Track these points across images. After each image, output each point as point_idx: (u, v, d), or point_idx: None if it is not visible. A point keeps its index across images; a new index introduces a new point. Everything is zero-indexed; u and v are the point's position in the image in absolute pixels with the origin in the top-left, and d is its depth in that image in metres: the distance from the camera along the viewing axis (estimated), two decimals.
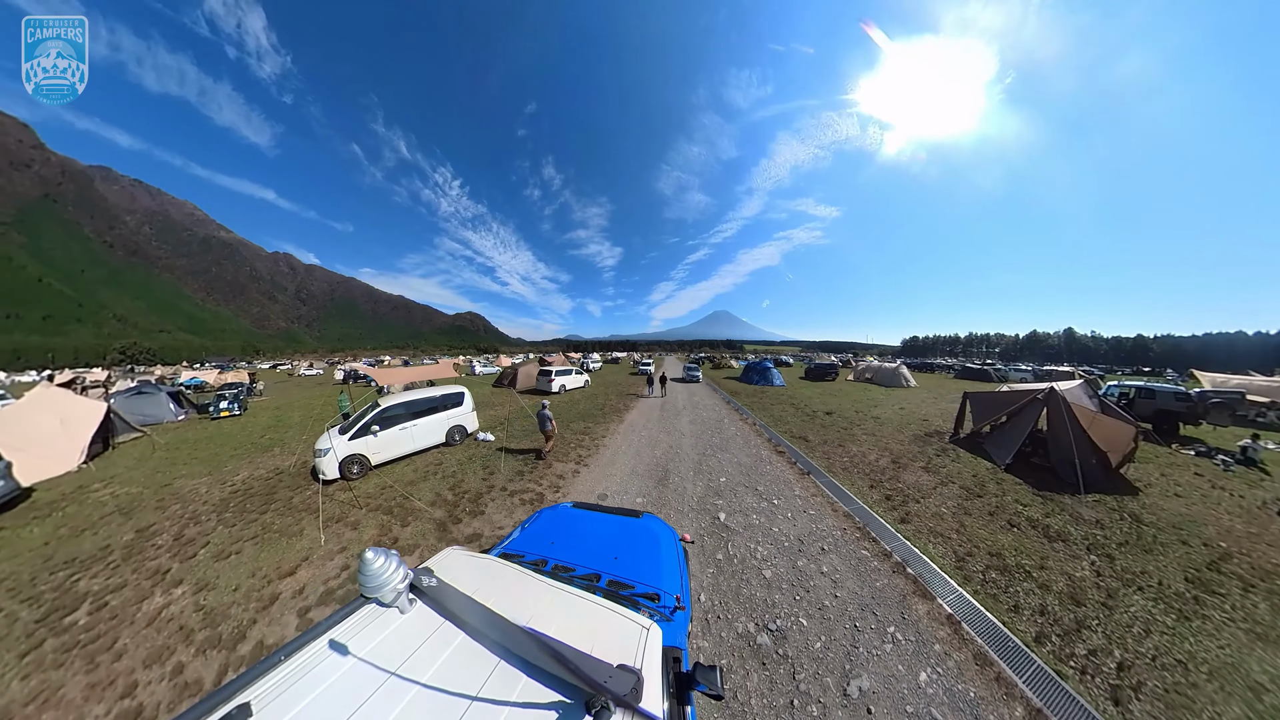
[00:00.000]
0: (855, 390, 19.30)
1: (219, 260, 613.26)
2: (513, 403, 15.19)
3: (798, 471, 6.93)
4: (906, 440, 9.07)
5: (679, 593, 2.21)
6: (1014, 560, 4.26)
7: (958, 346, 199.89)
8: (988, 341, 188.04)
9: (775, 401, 14.98)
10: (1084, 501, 5.93)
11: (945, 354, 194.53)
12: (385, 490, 6.20)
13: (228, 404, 13.89)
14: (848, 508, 5.46)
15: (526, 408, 11.45)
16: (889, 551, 4.44)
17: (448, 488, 6.25)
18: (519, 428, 10.31)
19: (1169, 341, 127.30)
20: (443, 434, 8.63)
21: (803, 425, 10.39)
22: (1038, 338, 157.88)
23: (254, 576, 3.95)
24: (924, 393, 18.66)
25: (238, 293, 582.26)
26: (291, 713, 1.00)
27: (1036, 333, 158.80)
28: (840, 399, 15.78)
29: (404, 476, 6.84)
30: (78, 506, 6.15)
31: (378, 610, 1.31)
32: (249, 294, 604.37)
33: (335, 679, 1.09)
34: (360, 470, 6.84)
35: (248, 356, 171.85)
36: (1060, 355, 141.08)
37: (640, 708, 1.03)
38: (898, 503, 5.68)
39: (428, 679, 1.09)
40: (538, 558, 2.45)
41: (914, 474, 6.86)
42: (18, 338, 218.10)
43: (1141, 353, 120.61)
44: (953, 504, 5.66)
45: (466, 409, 9.24)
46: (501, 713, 1.02)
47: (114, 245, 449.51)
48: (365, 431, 6.94)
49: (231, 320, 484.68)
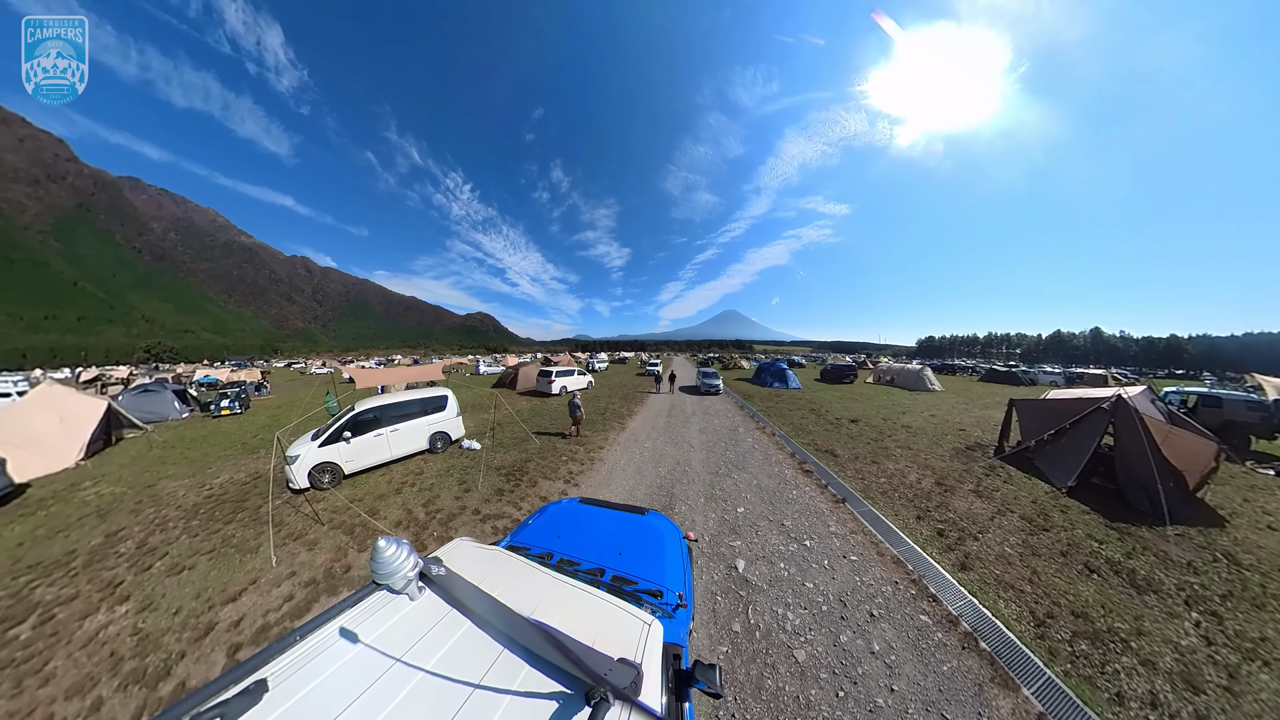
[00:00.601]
0: (877, 394, 18.17)
1: (240, 264, 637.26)
2: (509, 405, 14.53)
3: (830, 498, 5.99)
4: (947, 455, 8.11)
5: (681, 590, 2.21)
6: (1104, 622, 3.49)
7: (976, 347, 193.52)
8: (1008, 342, 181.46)
9: (793, 406, 14.05)
10: (1167, 536, 5.04)
11: (963, 355, 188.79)
12: (354, 504, 5.76)
13: (228, 403, 13.97)
14: (896, 549, 4.56)
15: (513, 415, 10.77)
16: (954, 615, 3.54)
17: (420, 504, 5.75)
18: (508, 435, 9.61)
19: (1205, 342, 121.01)
20: (424, 440, 8.04)
21: (828, 436, 9.47)
22: (1062, 338, 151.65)
23: (198, 599, 3.75)
24: (952, 397, 17.48)
25: (257, 294, 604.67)
26: (304, 691, 1.04)
27: (1061, 333, 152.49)
28: (863, 404, 14.76)
29: (376, 488, 6.42)
30: (62, 506, 6.17)
31: (388, 596, 1.35)
32: (268, 296, 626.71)
33: (346, 660, 1.13)
34: (332, 480, 6.41)
35: (266, 355, 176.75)
36: (1086, 356, 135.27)
37: (639, 701, 1.03)
38: (953, 540, 4.78)
39: (434, 664, 1.13)
40: (544, 551, 2.49)
41: (964, 499, 5.95)
42: (54, 337, 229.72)
43: (1175, 354, 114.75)
44: (1017, 541, 4.80)
45: (450, 414, 8.58)
46: (504, 700, 1.04)
47: (142, 251, 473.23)
48: (337, 438, 6.42)
49: (252, 321, 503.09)
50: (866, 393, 18.79)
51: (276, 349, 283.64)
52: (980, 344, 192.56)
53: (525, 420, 11.50)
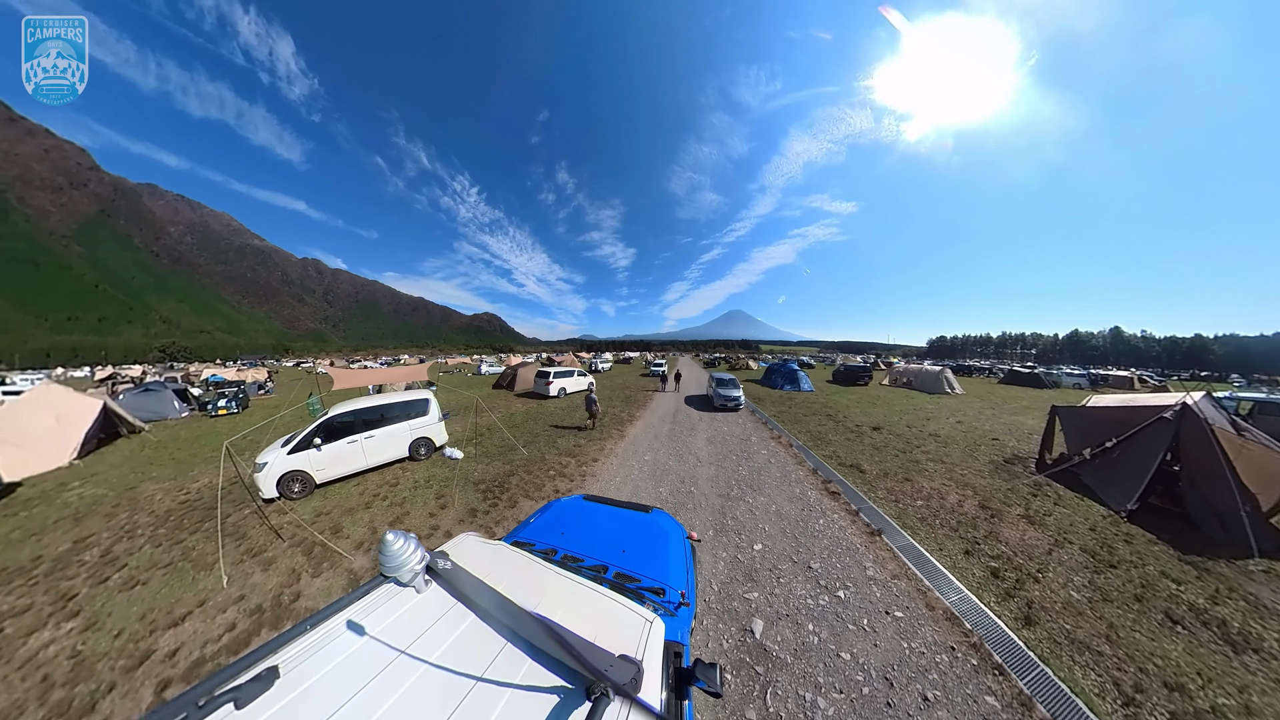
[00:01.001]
0: (895, 398, 17.21)
1: (253, 266, 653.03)
2: (503, 408, 13.94)
3: (863, 528, 5.12)
4: (985, 470, 7.28)
5: (684, 589, 2.19)
6: (1205, 697, 2.83)
7: (989, 347, 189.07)
8: (1023, 342, 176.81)
9: (807, 411, 13.13)
10: (1252, 573, 4.35)
11: (976, 355, 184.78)
12: (320, 518, 5.40)
13: (225, 403, 13.84)
14: (948, 598, 3.75)
15: (498, 423, 10.02)
16: (1027, 696, 2.78)
17: (387, 522, 5.24)
18: (495, 443, 8.86)
19: (1233, 342, 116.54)
20: (404, 447, 7.52)
21: (850, 447, 8.63)
22: (1079, 338, 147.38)
23: (142, 620, 3.55)
24: (976, 402, 16.56)
25: (270, 296, 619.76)
26: (313, 679, 1.06)
27: (1079, 332, 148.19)
28: (883, 409, 13.79)
29: (347, 500, 6.00)
30: (44, 507, 6.11)
31: (395, 589, 1.37)
32: (280, 297, 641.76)
33: (354, 650, 1.15)
34: (303, 489, 6.05)
35: (277, 355, 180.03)
36: (1105, 357, 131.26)
37: (638, 698, 1.02)
38: (1010, 583, 4.00)
39: (438, 656, 1.15)
40: (548, 547, 2.51)
41: (1014, 527, 5.15)
42: (77, 337, 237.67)
43: (1200, 355, 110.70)
44: (1082, 581, 4.08)
45: (432, 419, 7.98)
46: (506, 693, 1.06)
47: (160, 254, 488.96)
48: (307, 444, 6.06)
49: (265, 321, 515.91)
50: (884, 396, 17.88)
51: (288, 349, 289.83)
52: (994, 344, 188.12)
53: (519, 425, 10.88)
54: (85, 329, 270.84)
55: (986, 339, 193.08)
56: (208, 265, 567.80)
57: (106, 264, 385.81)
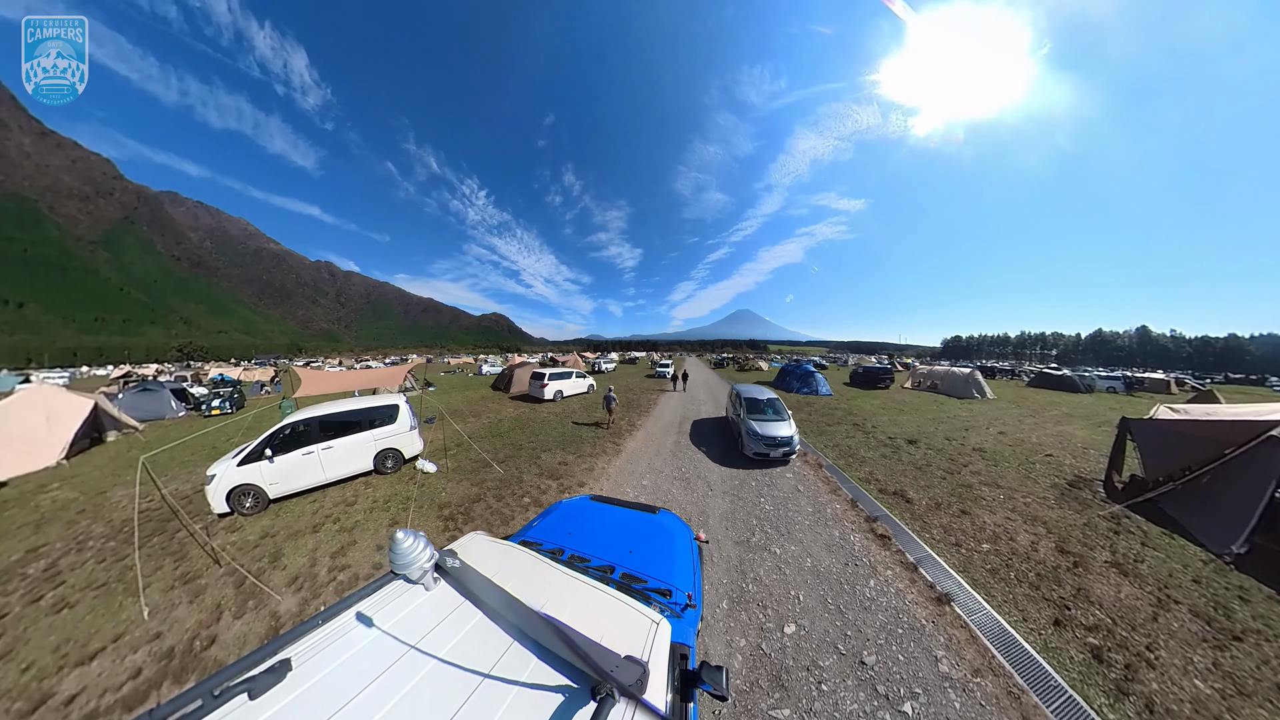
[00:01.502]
0: (923, 403, 15.87)
1: (269, 269, 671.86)
2: (492, 413, 13.05)
3: (925, 591, 3.87)
4: (1049, 498, 6.15)
5: (691, 590, 2.17)
6: None
7: (1007, 348, 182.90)
8: (1043, 342, 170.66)
9: (830, 419, 11.87)
10: None
11: (993, 356, 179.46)
12: (265, 541, 4.88)
13: (219, 403, 13.82)
14: (1048, 703, 2.72)
15: (470, 437, 9.14)
16: None
17: (330, 553, 4.52)
18: (473, 456, 7.92)
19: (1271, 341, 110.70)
20: (369, 459, 6.78)
21: (889, 467, 7.45)
22: (1104, 338, 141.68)
23: (56, 652, 3.28)
24: (1012, 409, 15.21)
25: (285, 297, 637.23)
26: (324, 672, 1.08)
27: (1102, 332, 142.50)
28: (914, 417, 12.51)
29: (297, 521, 5.38)
30: (18, 510, 6.03)
31: (405, 586, 1.39)
32: (295, 298, 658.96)
33: (364, 645, 1.17)
34: (255, 505, 5.57)
35: (290, 355, 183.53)
36: (1131, 358, 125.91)
37: (643, 699, 1.01)
38: (1120, 672, 2.99)
39: (446, 653, 1.16)
40: (555, 546, 2.49)
41: (1104, 579, 4.10)
42: (103, 338, 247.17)
43: (1235, 356, 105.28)
44: (1205, 665, 3.06)
45: (402, 427, 7.12)
46: (511, 691, 1.05)
47: (180, 258, 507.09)
48: (258, 456, 5.57)
49: (279, 322, 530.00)
50: (909, 401, 16.56)
51: (301, 348, 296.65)
52: (1011, 344, 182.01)
53: (504, 435, 9.99)
54: (111, 330, 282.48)
55: (1004, 339, 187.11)
56: (226, 268, 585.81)
57: (130, 268, 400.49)
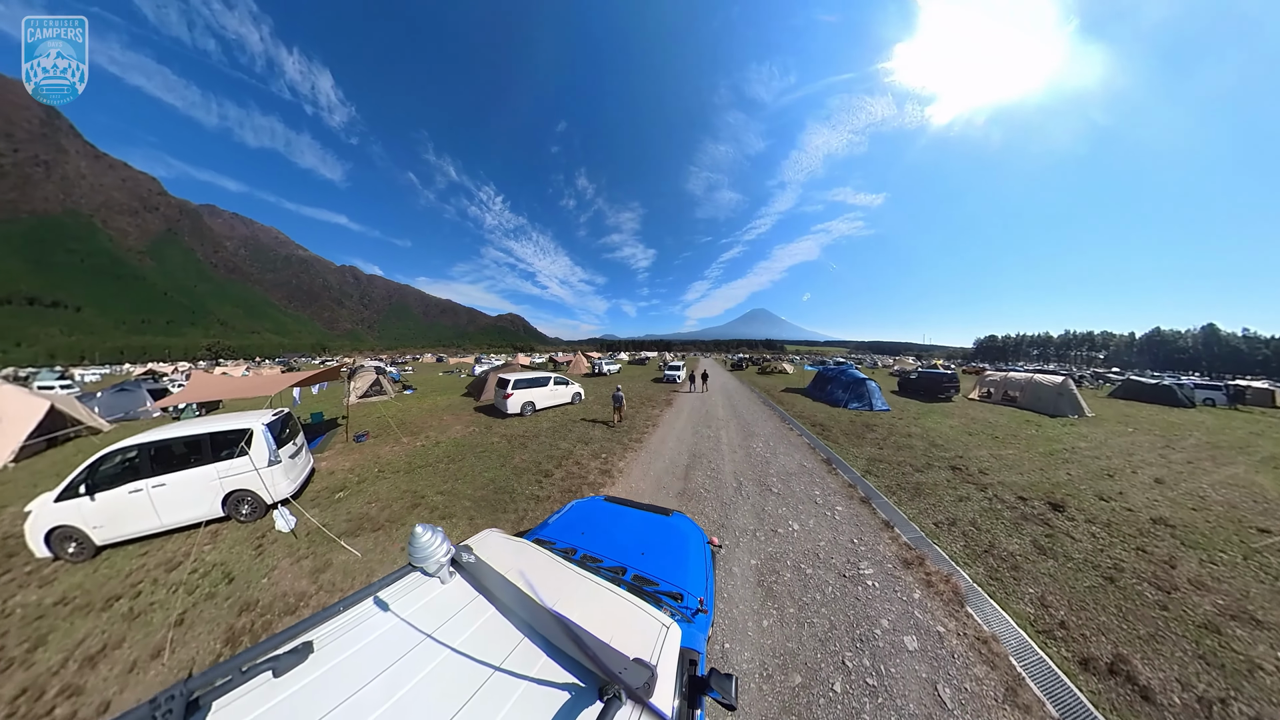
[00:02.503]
0: (1013, 424, 11.94)
1: (298, 274, 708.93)
2: (436, 430, 10.25)
3: None
4: None
5: (702, 595, 2.14)
6: None
7: (1049, 348, 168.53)
8: (1091, 342, 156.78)
9: (911, 456, 8.11)
10: None
11: (1033, 358, 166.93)
12: (58, 607, 3.82)
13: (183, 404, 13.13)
14: None
15: (335, 499, 6.46)
16: None
17: (92, 651, 3.26)
18: (357, 507, 5.43)
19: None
20: (216, 502, 5.03)
21: (1063, 583, 4.02)
22: (1163, 337, 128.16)
23: None
24: (1130, 433, 11.18)
25: (312, 300, 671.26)
26: (343, 655, 1.12)
27: (1161, 331, 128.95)
28: (1020, 451, 8.84)
29: (113, 579, 4.21)
30: None
31: (421, 579, 1.42)
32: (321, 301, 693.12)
33: (381, 633, 1.21)
34: (79, 552, 4.51)
35: (314, 354, 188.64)
36: (1195, 361, 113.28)
37: (650, 703, 1.01)
38: None
39: (459, 644, 1.18)
40: (568, 546, 2.49)
41: None
42: (148, 338, 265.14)
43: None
44: None
45: (259, 460, 5.07)
46: (520, 685, 1.06)
47: (218, 265, 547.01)
48: (74, 491, 4.51)
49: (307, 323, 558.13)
50: (994, 421, 12.50)
51: (325, 348, 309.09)
52: (1054, 345, 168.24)
53: (432, 465, 7.37)
54: (155, 331, 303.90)
55: (1045, 339, 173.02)
56: (259, 274, 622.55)
57: (173, 274, 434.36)
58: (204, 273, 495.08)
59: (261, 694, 0.98)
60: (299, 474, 5.82)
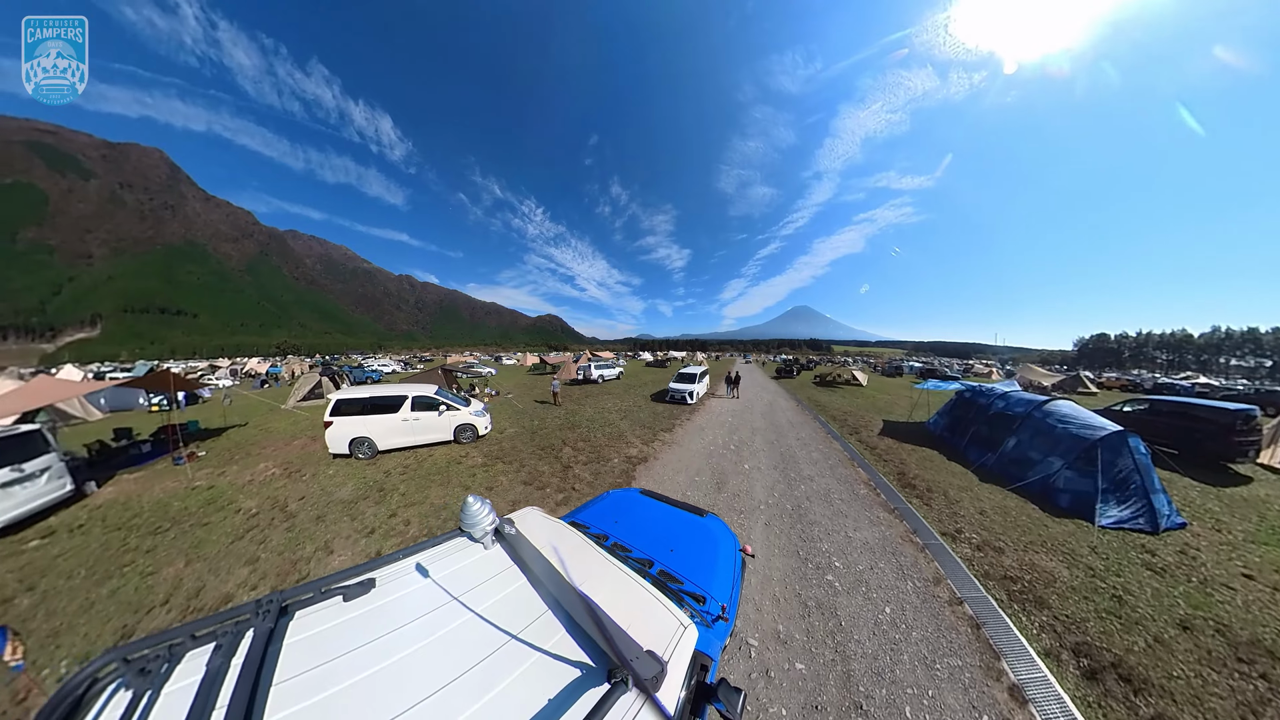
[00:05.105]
0: None
1: (362, 284, 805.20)
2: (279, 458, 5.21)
3: None
4: None
5: (726, 602, 2.10)
6: None
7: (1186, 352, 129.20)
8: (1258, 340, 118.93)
9: None
10: None
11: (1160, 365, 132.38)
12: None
13: (158, 398, 13.82)
14: None
15: None
16: None
17: None
18: None
19: None
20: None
21: None
22: None
23: None
24: None
25: (373, 305, 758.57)
26: (396, 595, 1.30)
27: None
28: None
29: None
30: None
31: (467, 543, 1.59)
32: (381, 306, 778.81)
33: (428, 582, 1.38)
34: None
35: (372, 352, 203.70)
36: None
37: (654, 697, 1.03)
38: None
39: (489, 605, 1.28)
40: (600, 532, 2.59)
41: None
42: (243, 338, 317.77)
43: None
44: None
45: None
46: (533, 655, 1.12)
47: (299, 279, 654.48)
48: None
49: (370, 325, 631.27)
50: None
51: (381, 346, 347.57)
52: (1194, 347, 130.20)
53: None
54: (250, 332, 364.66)
55: (1180, 338, 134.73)
56: (331, 285, 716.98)
57: (265, 287, 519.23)
58: (288, 285, 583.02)
59: (333, 612, 1.21)
60: None
